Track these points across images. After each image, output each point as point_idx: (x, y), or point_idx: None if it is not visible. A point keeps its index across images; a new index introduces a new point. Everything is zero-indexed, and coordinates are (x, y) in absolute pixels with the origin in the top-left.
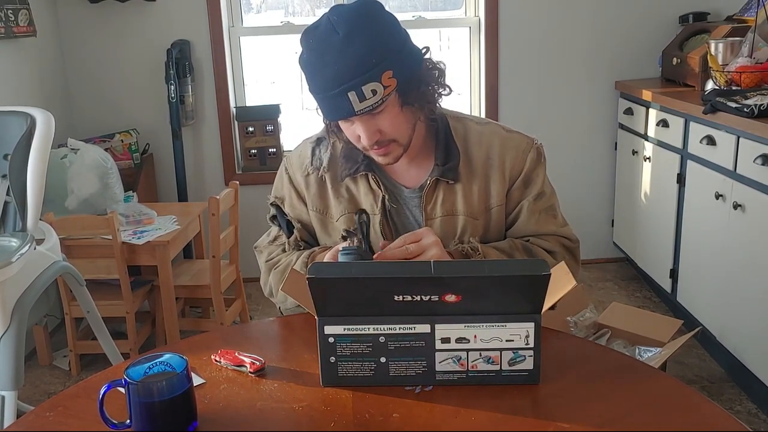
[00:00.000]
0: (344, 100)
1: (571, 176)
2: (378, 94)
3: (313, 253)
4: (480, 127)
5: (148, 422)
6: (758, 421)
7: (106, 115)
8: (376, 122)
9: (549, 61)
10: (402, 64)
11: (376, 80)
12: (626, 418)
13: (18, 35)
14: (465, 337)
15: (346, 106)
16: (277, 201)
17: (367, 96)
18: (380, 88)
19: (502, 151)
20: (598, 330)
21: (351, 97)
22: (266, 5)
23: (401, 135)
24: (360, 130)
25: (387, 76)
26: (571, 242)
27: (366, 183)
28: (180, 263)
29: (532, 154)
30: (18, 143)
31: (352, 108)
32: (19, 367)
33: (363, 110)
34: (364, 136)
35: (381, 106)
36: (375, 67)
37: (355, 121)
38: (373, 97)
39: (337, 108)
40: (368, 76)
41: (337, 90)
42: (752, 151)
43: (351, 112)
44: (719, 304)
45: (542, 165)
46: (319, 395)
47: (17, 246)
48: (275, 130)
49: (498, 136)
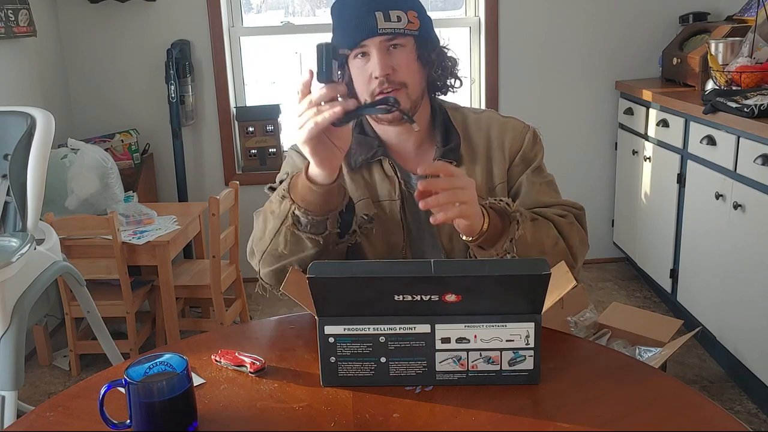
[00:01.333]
0: (370, 18)
1: (571, 176)
2: (402, 22)
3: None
4: (477, 114)
5: (148, 422)
6: (758, 421)
7: (106, 115)
8: (391, 57)
9: (549, 61)
10: (425, 17)
11: (402, 9)
12: (626, 418)
13: (18, 35)
14: (465, 337)
15: (371, 24)
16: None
17: (392, 19)
18: (405, 18)
19: (500, 134)
20: (598, 330)
21: (377, 16)
22: (266, 5)
23: (413, 82)
24: (375, 60)
25: (412, 14)
26: (577, 209)
27: (381, 170)
28: (180, 263)
29: (529, 135)
30: (18, 143)
31: (376, 25)
32: (19, 367)
33: (385, 30)
34: (378, 64)
35: (401, 37)
36: (404, 1)
37: (372, 50)
38: (397, 22)
39: (360, 26)
40: (398, 3)
41: (366, 8)
42: (752, 151)
43: (374, 29)
44: (719, 304)
45: (539, 146)
46: (319, 395)
47: (17, 246)
48: (275, 130)
49: (495, 120)
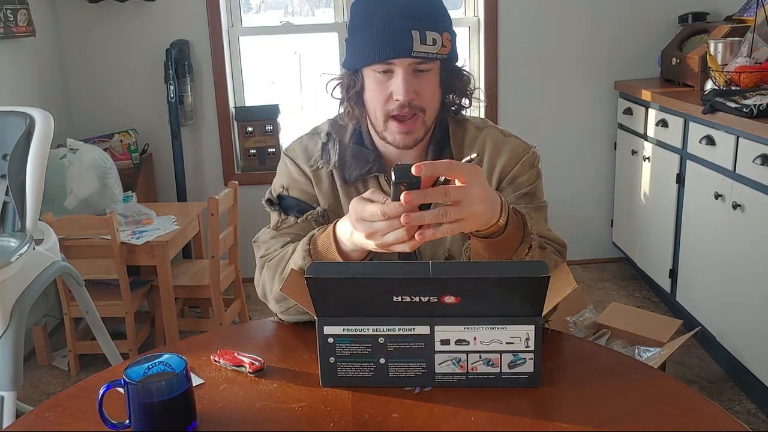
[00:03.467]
0: (406, 37)
1: (570, 176)
2: (436, 46)
3: (313, 237)
4: (477, 131)
5: (148, 422)
6: (758, 421)
7: (105, 115)
8: (417, 81)
9: (548, 61)
10: (455, 39)
11: (439, 31)
12: (626, 418)
13: (17, 35)
14: (465, 339)
15: (406, 44)
16: (284, 191)
17: (428, 41)
18: (440, 41)
19: (493, 155)
20: (598, 330)
21: (414, 35)
22: (265, 5)
23: (431, 109)
24: (399, 81)
25: (446, 37)
26: (559, 246)
27: (377, 185)
28: (179, 263)
29: (525, 159)
30: (17, 143)
31: (411, 46)
32: (18, 368)
33: (419, 53)
34: (403, 88)
35: (431, 62)
36: (441, 21)
37: (399, 71)
38: (432, 46)
39: (394, 42)
40: (435, 24)
41: (403, 23)
42: (751, 151)
43: (409, 50)
44: (719, 304)
45: (535, 171)
46: (318, 395)
47: (16, 246)
48: (274, 130)
49: (493, 139)
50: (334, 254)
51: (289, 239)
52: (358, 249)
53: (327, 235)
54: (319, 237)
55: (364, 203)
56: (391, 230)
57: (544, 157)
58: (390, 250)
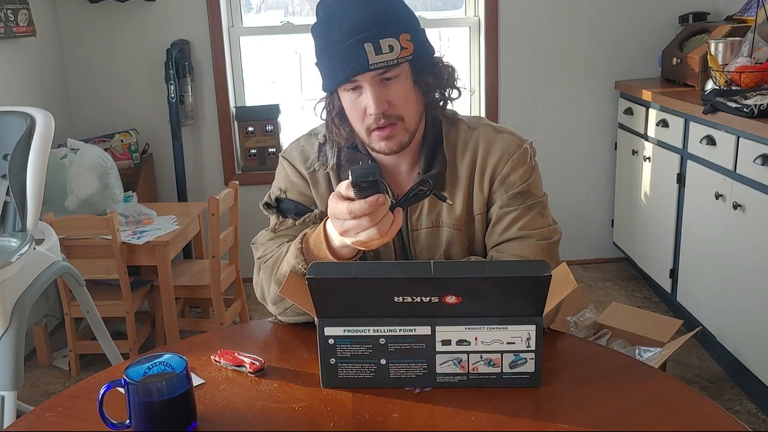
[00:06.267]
0: (359, 52)
1: (570, 176)
2: (394, 51)
3: (306, 236)
4: (471, 130)
5: (148, 422)
6: (758, 421)
7: (105, 115)
8: (386, 90)
9: (549, 61)
10: (419, 35)
11: (394, 36)
12: (626, 419)
13: (18, 35)
14: (466, 339)
15: (361, 59)
16: (281, 193)
17: (383, 50)
18: (397, 46)
19: (485, 156)
20: (598, 330)
21: (367, 48)
22: (266, 5)
23: (409, 114)
24: (368, 95)
25: (405, 38)
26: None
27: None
28: (180, 263)
29: (516, 155)
30: (18, 143)
31: (367, 60)
32: (18, 367)
33: (377, 64)
34: (373, 102)
35: (395, 68)
36: (394, 24)
37: (365, 85)
38: (389, 53)
39: (350, 61)
40: (387, 30)
41: (353, 39)
42: (752, 151)
43: (365, 65)
44: (719, 304)
45: (528, 168)
46: (318, 395)
47: (17, 246)
48: (275, 130)
49: (485, 138)
50: (325, 252)
51: (287, 241)
52: (346, 246)
53: (318, 233)
54: (311, 236)
55: (336, 201)
56: (362, 229)
57: (545, 158)
58: (367, 247)
